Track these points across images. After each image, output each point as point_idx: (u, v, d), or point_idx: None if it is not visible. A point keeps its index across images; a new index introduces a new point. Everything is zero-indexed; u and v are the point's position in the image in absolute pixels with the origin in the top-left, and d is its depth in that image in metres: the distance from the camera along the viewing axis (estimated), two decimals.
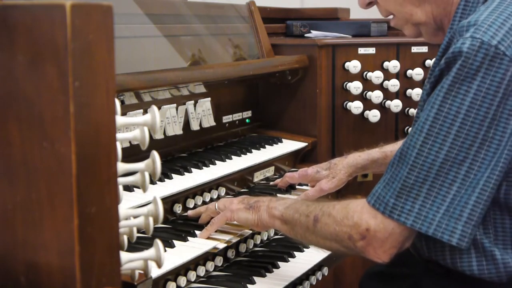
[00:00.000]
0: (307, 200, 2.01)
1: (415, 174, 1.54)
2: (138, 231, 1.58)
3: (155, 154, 1.38)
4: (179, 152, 2.41)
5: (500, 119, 1.49)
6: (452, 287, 1.70)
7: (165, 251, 1.81)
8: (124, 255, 1.41)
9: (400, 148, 1.60)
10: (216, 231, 1.98)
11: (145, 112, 2.01)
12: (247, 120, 2.82)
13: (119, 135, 1.32)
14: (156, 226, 1.95)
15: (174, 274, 1.80)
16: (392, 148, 2.38)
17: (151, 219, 1.44)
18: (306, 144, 2.76)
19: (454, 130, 1.50)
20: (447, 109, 1.51)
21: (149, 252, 1.43)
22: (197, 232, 1.95)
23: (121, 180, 1.40)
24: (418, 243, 1.71)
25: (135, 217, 1.48)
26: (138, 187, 1.45)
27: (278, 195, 2.35)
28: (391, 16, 1.87)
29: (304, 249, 2.17)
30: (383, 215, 1.58)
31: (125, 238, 1.50)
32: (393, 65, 2.81)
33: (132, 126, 1.95)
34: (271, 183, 2.49)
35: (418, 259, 1.77)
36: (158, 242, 1.43)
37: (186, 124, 2.39)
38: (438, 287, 1.74)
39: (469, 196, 1.52)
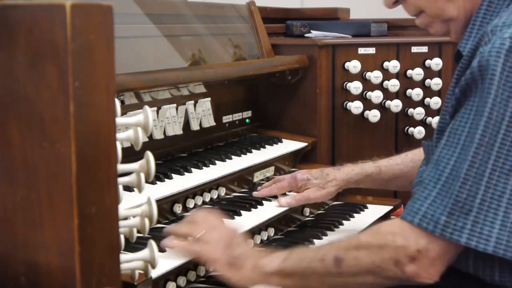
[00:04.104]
0: (301, 249, 1.76)
1: (468, 187, 1.45)
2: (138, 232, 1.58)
3: (149, 155, 1.37)
4: (179, 152, 2.41)
5: None
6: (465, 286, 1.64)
7: (166, 251, 1.81)
8: (120, 256, 1.40)
9: (441, 160, 1.50)
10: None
11: None
12: (247, 120, 2.82)
13: (119, 135, 1.31)
14: (156, 226, 1.96)
15: (174, 274, 1.80)
16: (386, 163, 2.29)
17: (146, 220, 1.43)
18: (306, 144, 2.75)
19: (501, 135, 1.44)
20: (495, 116, 1.44)
21: (143, 253, 1.42)
22: None
23: (119, 180, 1.39)
24: None
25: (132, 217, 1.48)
26: None
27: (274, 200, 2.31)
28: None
29: None
30: (433, 234, 1.47)
31: (122, 238, 1.50)
32: (393, 65, 2.81)
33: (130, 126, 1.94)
34: (254, 193, 2.32)
35: None
36: (152, 243, 1.42)
37: (186, 124, 2.39)
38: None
39: None
